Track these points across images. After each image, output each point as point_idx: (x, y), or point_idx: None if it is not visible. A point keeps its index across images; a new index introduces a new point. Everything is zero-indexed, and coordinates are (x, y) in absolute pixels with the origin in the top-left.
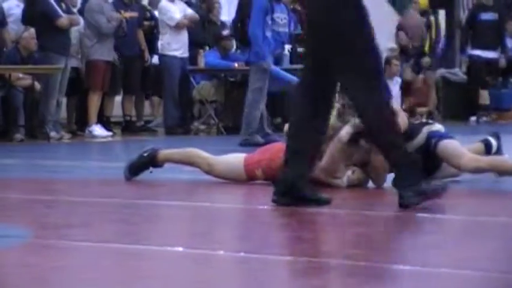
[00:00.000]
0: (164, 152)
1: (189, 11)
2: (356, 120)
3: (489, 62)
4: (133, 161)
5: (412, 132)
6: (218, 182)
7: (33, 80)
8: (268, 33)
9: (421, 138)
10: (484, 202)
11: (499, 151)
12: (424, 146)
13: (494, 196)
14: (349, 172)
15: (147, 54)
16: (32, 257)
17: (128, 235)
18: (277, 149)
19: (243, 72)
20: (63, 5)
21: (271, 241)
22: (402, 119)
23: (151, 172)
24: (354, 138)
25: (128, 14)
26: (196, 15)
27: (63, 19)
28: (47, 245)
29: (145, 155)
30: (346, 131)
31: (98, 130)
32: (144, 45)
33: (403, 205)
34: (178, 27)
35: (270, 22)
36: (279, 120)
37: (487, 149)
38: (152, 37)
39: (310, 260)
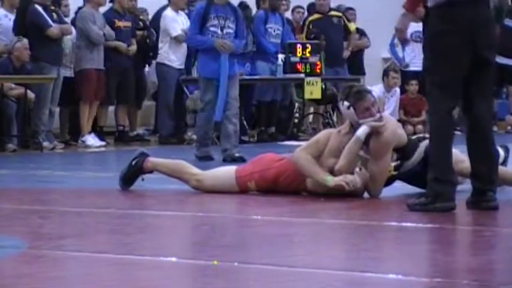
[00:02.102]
0: (152, 161)
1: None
2: (371, 122)
3: (507, 69)
4: (125, 171)
5: (410, 149)
6: (210, 192)
7: (25, 90)
8: (265, 42)
9: (418, 153)
10: (484, 212)
11: (504, 163)
12: (423, 160)
13: None
14: (356, 169)
15: (134, 47)
16: (26, 267)
17: (122, 245)
18: (269, 159)
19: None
20: (55, 15)
21: (265, 251)
22: (402, 136)
23: (143, 180)
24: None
25: (122, 24)
26: None
27: (54, 29)
28: (41, 255)
29: (133, 163)
30: (363, 131)
31: (91, 140)
32: (133, 43)
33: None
34: (176, 40)
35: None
36: (272, 129)
37: (505, 159)
38: (146, 47)
39: (304, 271)
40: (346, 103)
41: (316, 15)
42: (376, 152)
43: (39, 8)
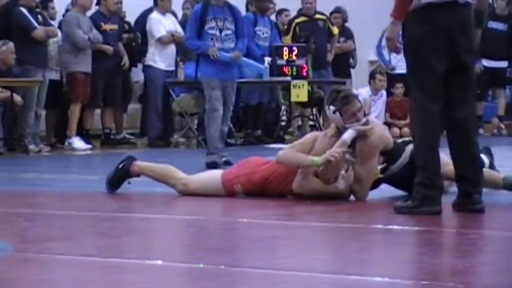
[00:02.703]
0: (139, 165)
1: (178, 28)
2: (357, 126)
3: (495, 72)
4: (111, 175)
5: (396, 152)
6: (196, 195)
7: (11, 93)
8: (252, 45)
9: (404, 157)
10: (470, 215)
11: (491, 167)
12: (409, 163)
13: None
14: (342, 172)
15: (125, 58)
16: (12, 270)
17: (108, 248)
18: (255, 162)
19: None
20: (40, 17)
21: (251, 254)
22: (388, 140)
23: (129, 183)
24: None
25: (108, 27)
26: (183, 35)
27: (39, 31)
28: (28, 259)
29: (120, 167)
30: (349, 135)
31: (77, 143)
32: (122, 51)
33: (395, 209)
34: (161, 41)
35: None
36: (259, 132)
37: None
38: (132, 50)
39: (290, 274)
40: (332, 107)
41: (302, 18)
42: (363, 155)
43: (24, 10)
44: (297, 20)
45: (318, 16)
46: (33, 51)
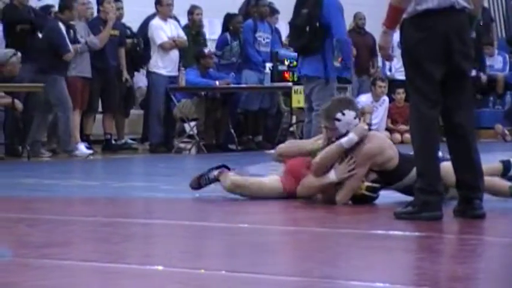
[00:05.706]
0: (232, 178)
1: (180, 33)
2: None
3: None
4: (201, 178)
5: (406, 164)
6: (196, 200)
7: (13, 99)
8: (252, 51)
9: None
10: (471, 221)
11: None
12: None
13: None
14: (336, 164)
15: (125, 73)
16: (13, 276)
17: (109, 254)
18: (299, 167)
19: (223, 91)
20: (72, 32)
21: (252, 260)
22: (389, 158)
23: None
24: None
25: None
26: (185, 40)
27: (71, 54)
28: (28, 264)
29: (213, 177)
30: (350, 139)
31: (83, 148)
32: (123, 64)
33: (396, 214)
34: (162, 47)
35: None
36: (259, 138)
37: (506, 170)
38: (136, 55)
39: (290, 280)
40: None
41: None
42: (355, 159)
43: (63, 28)
44: None
45: None
46: (59, 62)
